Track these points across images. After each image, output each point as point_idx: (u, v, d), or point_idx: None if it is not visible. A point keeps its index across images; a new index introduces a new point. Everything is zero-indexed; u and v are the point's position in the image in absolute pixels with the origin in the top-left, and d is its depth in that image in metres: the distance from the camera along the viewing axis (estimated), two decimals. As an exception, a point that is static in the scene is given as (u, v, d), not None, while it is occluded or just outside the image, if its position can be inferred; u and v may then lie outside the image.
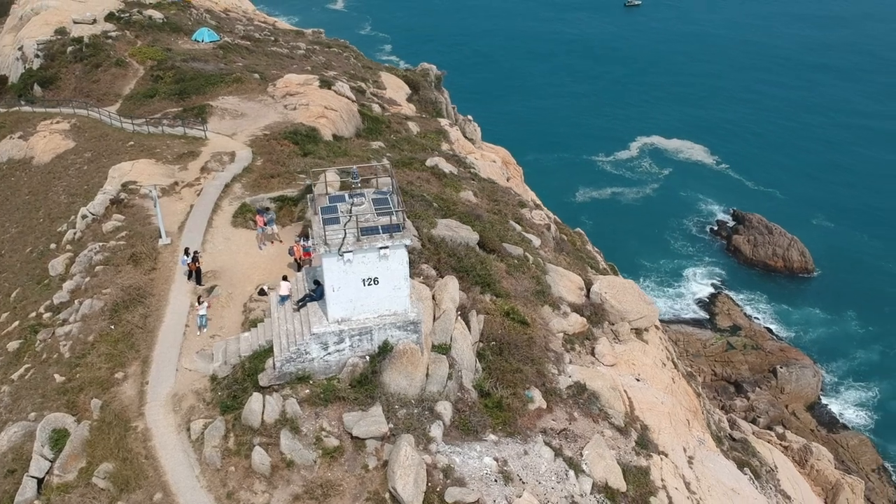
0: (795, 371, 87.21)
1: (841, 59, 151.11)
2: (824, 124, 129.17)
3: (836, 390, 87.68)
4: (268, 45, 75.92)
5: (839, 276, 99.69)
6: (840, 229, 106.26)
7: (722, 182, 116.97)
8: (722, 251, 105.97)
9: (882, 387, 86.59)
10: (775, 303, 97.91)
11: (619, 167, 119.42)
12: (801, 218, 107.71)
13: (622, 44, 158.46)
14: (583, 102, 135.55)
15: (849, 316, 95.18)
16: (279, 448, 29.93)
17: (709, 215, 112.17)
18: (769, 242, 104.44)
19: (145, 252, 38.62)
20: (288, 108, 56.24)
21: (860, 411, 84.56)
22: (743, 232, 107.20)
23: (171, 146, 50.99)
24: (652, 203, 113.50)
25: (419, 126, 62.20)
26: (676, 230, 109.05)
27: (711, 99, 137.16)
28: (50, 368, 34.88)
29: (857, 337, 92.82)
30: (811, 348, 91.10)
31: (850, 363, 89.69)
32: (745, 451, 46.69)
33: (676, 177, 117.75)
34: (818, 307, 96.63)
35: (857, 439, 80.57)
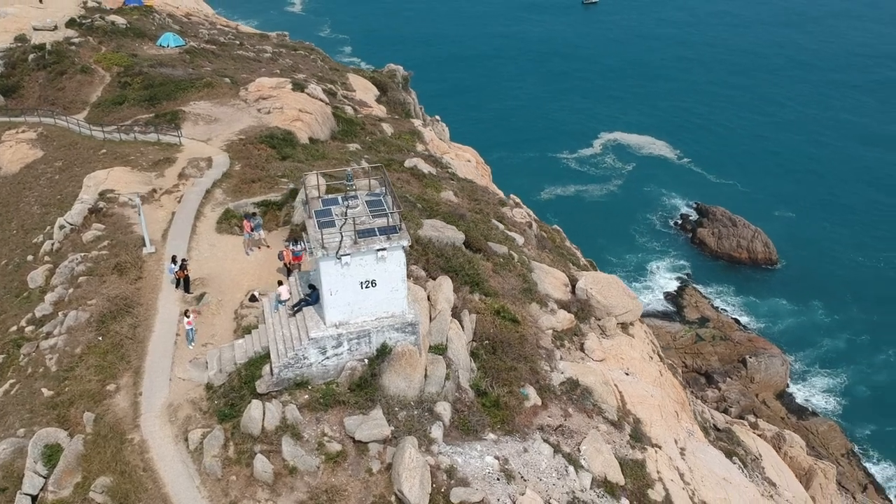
0: (764, 360, 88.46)
1: (800, 53, 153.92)
2: (782, 117, 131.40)
3: (803, 378, 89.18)
4: (234, 49, 75.12)
5: (803, 266, 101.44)
6: (802, 220, 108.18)
7: (684, 176, 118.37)
8: (687, 244, 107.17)
9: (848, 373, 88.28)
10: (742, 294, 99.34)
11: (584, 164, 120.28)
12: (764, 209, 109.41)
13: (582, 42, 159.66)
14: (545, 101, 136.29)
15: (814, 305, 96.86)
16: (281, 455, 29.63)
17: (672, 209, 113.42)
18: (733, 234, 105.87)
19: (130, 261, 37.94)
20: (262, 112, 55.71)
21: (828, 397, 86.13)
22: (707, 225, 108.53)
23: (146, 153, 50.18)
24: (617, 199, 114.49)
25: (393, 127, 62.02)
26: (642, 225, 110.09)
27: (671, 94, 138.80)
28: (36, 383, 34.08)
29: (822, 325, 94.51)
30: (778, 338, 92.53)
31: (816, 351, 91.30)
32: (730, 440, 47.32)
33: (639, 172, 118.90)
34: (783, 297, 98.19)
35: (825, 425, 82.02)
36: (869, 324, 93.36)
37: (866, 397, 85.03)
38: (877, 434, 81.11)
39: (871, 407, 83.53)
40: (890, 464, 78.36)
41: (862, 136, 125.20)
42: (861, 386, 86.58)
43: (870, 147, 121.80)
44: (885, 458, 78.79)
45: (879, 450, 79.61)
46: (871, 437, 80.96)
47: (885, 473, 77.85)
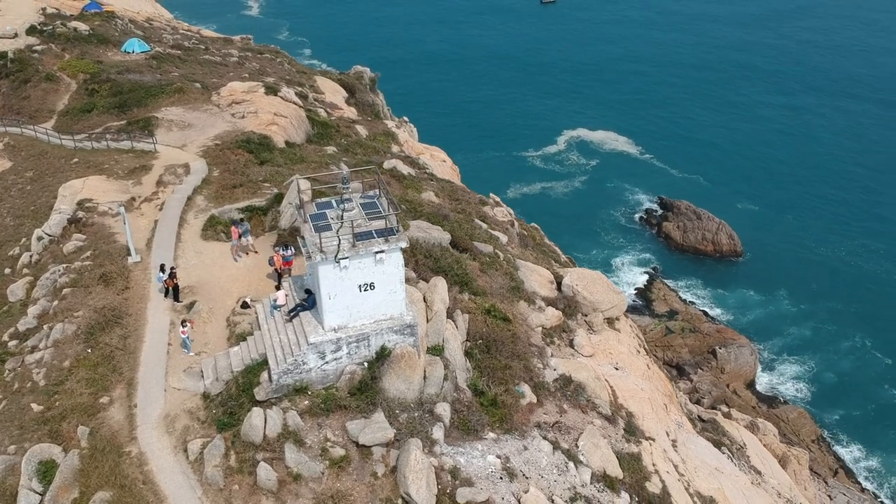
0: (734, 351, 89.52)
1: (759, 48, 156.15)
2: (743, 111, 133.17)
3: (772, 367, 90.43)
4: (200, 54, 74.24)
5: (767, 257, 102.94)
6: (765, 212, 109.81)
7: (647, 171, 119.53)
8: (653, 238, 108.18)
9: (815, 360, 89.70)
10: (709, 286, 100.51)
11: (549, 161, 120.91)
12: (727, 202, 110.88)
13: (541, 41, 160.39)
14: (507, 100, 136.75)
15: (779, 295, 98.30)
16: (284, 462, 29.36)
17: (637, 204, 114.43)
18: (698, 227, 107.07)
19: (116, 271, 37.28)
20: (236, 117, 55.14)
21: (796, 385, 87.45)
22: (672, 219, 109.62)
23: (121, 161, 49.37)
24: (582, 195, 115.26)
25: (367, 129, 61.79)
26: (607, 221, 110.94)
27: (632, 91, 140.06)
28: (24, 398, 33.34)
29: (787, 314, 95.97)
30: (746, 328, 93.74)
31: (783, 340, 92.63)
32: (715, 430, 47.96)
33: (603, 168, 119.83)
34: (750, 288, 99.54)
35: (795, 412, 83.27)
36: (833, 312, 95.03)
37: (833, 383, 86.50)
38: (845, 419, 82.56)
39: (838, 393, 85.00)
40: (858, 447, 79.77)
41: (821, 128, 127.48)
42: (828, 372, 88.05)
43: (829, 140, 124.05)
44: (853, 442, 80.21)
45: (848, 434, 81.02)
46: (839, 423, 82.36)
47: (854, 457, 79.26)
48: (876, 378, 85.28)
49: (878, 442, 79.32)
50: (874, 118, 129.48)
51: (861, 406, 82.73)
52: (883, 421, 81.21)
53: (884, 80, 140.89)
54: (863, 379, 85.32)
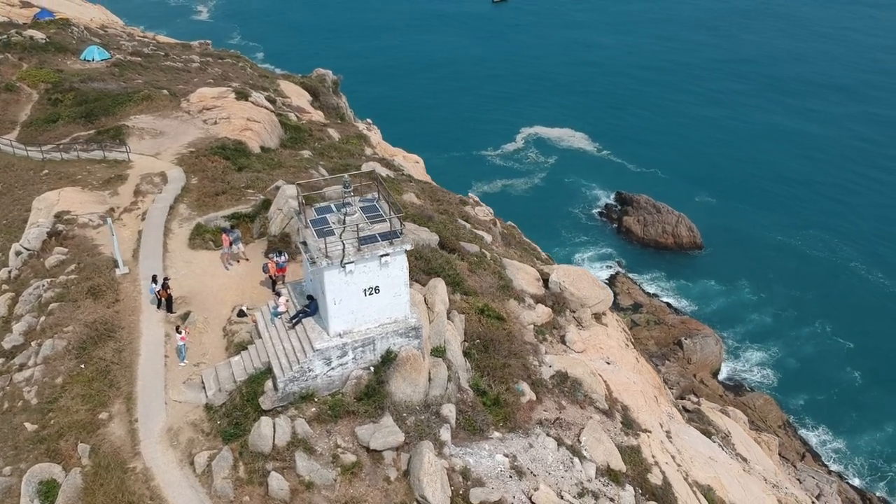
0: (699, 341, 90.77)
1: (712, 45, 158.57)
2: (695, 104, 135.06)
3: (737, 355, 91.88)
4: (161, 60, 73.01)
5: (726, 248, 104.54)
6: (722, 203, 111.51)
7: (605, 166, 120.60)
8: (614, 233, 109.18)
9: (778, 347, 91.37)
10: (671, 278, 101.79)
11: (508, 160, 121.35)
12: (685, 195, 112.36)
13: (494, 40, 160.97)
14: (464, 98, 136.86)
15: (739, 284, 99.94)
16: (295, 471, 29.09)
17: (596, 200, 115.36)
18: (658, 221, 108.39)
19: (104, 284, 36.47)
20: (208, 123, 54.35)
21: (762, 372, 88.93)
22: (632, 213, 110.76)
23: (94, 171, 48.30)
24: (542, 193, 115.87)
25: (339, 132, 61.41)
26: (568, 217, 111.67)
27: (587, 87, 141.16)
28: (17, 417, 32.45)
29: (749, 303, 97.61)
30: (710, 318, 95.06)
31: (746, 328, 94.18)
32: (701, 419, 48.68)
33: (562, 165, 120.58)
34: (711, 278, 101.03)
35: (762, 399, 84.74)
36: (792, 299, 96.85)
37: (797, 369, 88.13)
38: (810, 403, 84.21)
39: (801, 378, 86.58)
40: (824, 431, 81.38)
41: (773, 120, 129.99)
42: (791, 359, 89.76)
43: (781, 132, 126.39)
44: (818, 425, 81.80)
45: (813, 418, 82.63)
46: (804, 408, 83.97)
47: (820, 440, 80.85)
48: (837, 362, 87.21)
49: (843, 424, 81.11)
50: (823, 111, 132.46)
51: (824, 390, 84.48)
52: (846, 404, 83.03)
53: (831, 75, 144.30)
54: (825, 364, 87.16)
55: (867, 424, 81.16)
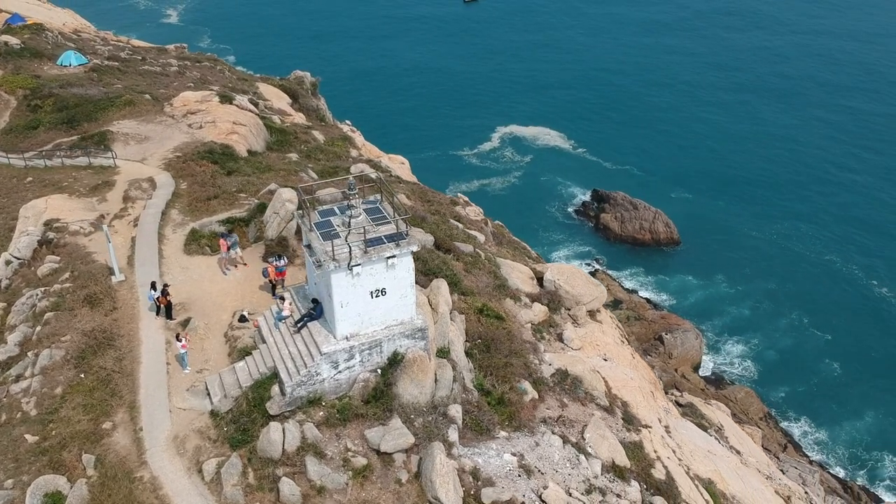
0: (679, 336, 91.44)
1: (685, 38, 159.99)
2: (669, 101, 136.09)
3: (717, 349, 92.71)
4: (138, 65, 72.14)
5: (703, 243, 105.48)
6: (698, 199, 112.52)
7: (581, 164, 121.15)
8: (592, 231, 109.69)
9: (756, 340, 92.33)
10: (650, 274, 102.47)
11: (484, 159, 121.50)
12: (661, 191, 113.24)
13: (466, 39, 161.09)
14: (439, 98, 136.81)
15: (717, 279, 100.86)
16: (307, 475, 28.93)
17: (573, 197, 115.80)
18: (635, 217, 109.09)
19: (101, 292, 35.96)
20: (193, 127, 53.80)
21: (742, 364, 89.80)
22: (609, 210, 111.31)
23: (80, 178, 47.63)
24: (519, 191, 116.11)
25: (324, 134, 61.10)
26: (546, 215, 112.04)
27: (560, 85, 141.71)
28: (16, 429, 31.90)
29: (727, 297, 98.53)
30: (689, 313, 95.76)
31: (725, 322, 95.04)
32: (694, 413, 49.11)
33: (538, 163, 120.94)
34: (689, 274, 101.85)
35: (743, 392, 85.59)
36: (769, 292, 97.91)
37: (776, 361, 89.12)
38: (790, 395, 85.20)
39: (781, 370, 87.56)
40: (805, 422, 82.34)
41: (746, 115, 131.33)
42: (770, 351, 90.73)
43: (753, 127, 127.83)
44: (799, 417, 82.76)
45: (794, 409, 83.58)
46: (785, 399, 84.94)
47: (802, 431, 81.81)
48: (816, 354, 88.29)
49: (823, 415, 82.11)
50: (796, 107, 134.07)
51: (804, 382, 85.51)
52: (825, 394, 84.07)
53: (804, 71, 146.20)
54: (804, 355, 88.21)
55: (847, 414, 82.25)
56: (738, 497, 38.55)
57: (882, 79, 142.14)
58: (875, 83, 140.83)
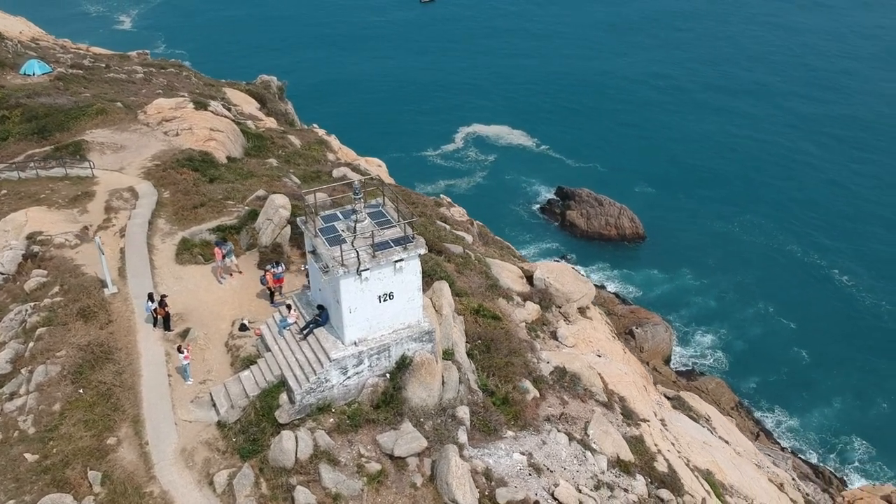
0: (649, 329, 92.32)
1: (643, 36, 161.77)
2: (630, 97, 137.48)
3: (686, 341, 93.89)
4: (103, 72, 70.84)
5: (667, 237, 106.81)
6: (661, 193, 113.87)
7: (545, 162, 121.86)
8: (558, 228, 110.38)
9: (724, 330, 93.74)
10: (617, 269, 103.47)
11: (448, 159, 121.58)
12: (625, 187, 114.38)
13: (424, 39, 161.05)
14: (399, 100, 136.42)
15: (682, 271, 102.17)
16: (321, 483, 28.72)
17: (538, 195, 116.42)
18: (601, 214, 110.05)
19: (94, 305, 35.24)
20: (170, 135, 52.95)
21: (713, 356, 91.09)
22: (575, 207, 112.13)
23: (57, 189, 46.60)
24: (484, 191, 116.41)
25: (299, 139, 60.58)
26: (512, 214, 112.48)
27: (520, 83, 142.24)
28: (14, 448, 31.16)
29: (693, 289, 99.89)
30: (658, 306, 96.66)
31: (692, 314, 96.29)
32: (682, 406, 49.67)
33: (502, 162, 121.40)
34: (655, 267, 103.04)
35: (713, 382, 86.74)
36: (733, 283, 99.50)
37: (744, 351, 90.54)
38: (760, 384, 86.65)
39: (750, 360, 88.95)
40: (775, 410, 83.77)
41: (707, 110, 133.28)
42: (738, 341, 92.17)
43: (716, 120, 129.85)
44: (769, 405, 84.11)
45: (764, 398, 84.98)
46: (755, 388, 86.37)
47: (772, 419, 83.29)
48: (783, 342, 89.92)
49: (792, 402, 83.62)
50: (756, 101, 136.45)
51: (773, 370, 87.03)
52: (794, 381, 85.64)
53: (762, 65, 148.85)
54: (771, 344, 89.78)
55: (816, 400, 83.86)
56: (735, 487, 39.15)
57: (842, 73, 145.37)
58: (834, 77, 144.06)
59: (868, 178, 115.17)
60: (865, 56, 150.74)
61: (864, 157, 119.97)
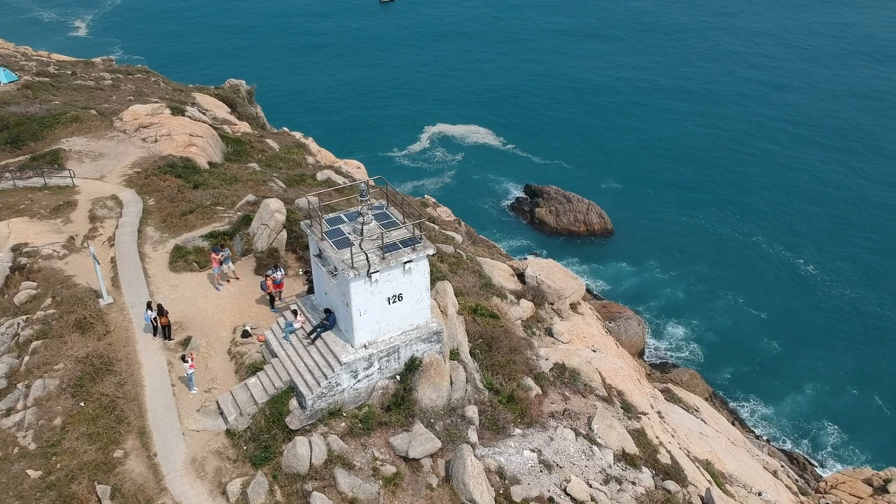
0: (622, 324, 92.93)
1: (601, 32, 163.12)
2: (594, 93, 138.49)
3: (659, 334, 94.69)
4: (70, 80, 69.43)
5: (635, 231, 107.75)
6: (627, 189, 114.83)
7: (512, 160, 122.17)
8: (528, 225, 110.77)
9: (694, 322, 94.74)
10: (587, 264, 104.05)
11: (416, 159, 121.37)
12: (592, 183, 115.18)
13: (384, 41, 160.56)
14: (363, 101, 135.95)
15: (651, 264, 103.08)
16: (337, 488, 28.55)
17: (507, 193, 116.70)
18: (569, 210, 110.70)
19: (91, 316, 34.55)
20: (148, 141, 52.09)
21: (686, 347, 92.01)
22: (543, 204, 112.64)
23: (38, 199, 45.58)
24: (453, 190, 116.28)
25: (277, 142, 59.99)
26: (481, 213, 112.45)
27: (484, 83, 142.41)
28: (15, 465, 30.48)
29: (662, 282, 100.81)
30: (629, 300, 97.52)
31: (662, 306, 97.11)
32: (672, 398, 50.19)
33: (469, 161, 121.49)
34: (624, 262, 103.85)
35: (687, 374, 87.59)
36: (701, 274, 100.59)
37: (716, 342, 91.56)
38: (733, 375, 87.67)
39: (722, 350, 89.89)
40: (750, 399, 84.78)
41: (669, 105, 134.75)
42: (710, 332, 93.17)
43: (675, 117, 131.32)
44: (744, 395, 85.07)
45: (739, 388, 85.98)
46: (729, 379, 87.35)
47: (748, 409, 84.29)
48: (753, 331, 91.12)
49: (765, 390, 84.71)
50: (717, 92, 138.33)
51: (745, 360, 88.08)
52: (766, 370, 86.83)
53: (724, 55, 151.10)
54: (742, 334, 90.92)
55: (788, 388, 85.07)
56: (734, 475, 39.66)
57: (802, 63, 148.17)
58: (794, 68, 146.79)
59: (827, 168, 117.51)
60: (823, 54, 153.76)
61: (823, 148, 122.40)
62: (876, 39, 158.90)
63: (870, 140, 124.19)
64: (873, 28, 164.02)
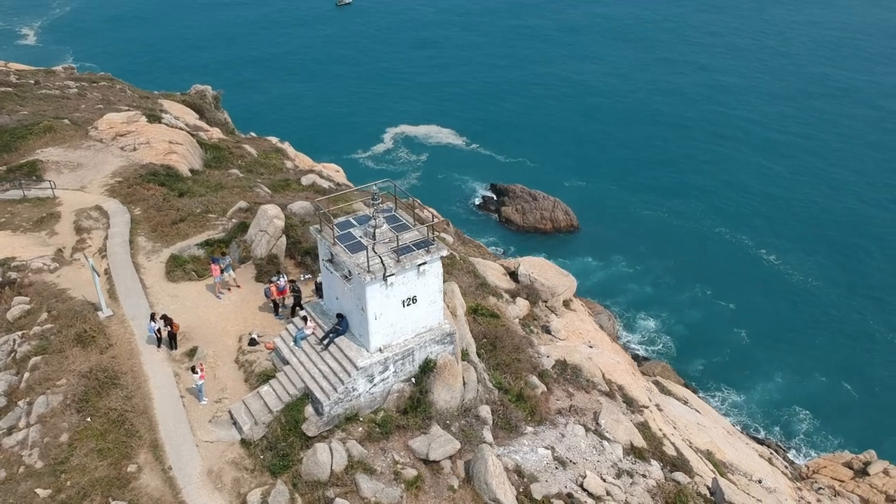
0: (594, 320, 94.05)
1: (563, 27, 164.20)
2: (554, 90, 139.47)
3: (629, 328, 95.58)
4: (34, 89, 67.86)
5: (601, 227, 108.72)
6: (591, 185, 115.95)
7: (476, 160, 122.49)
8: (495, 224, 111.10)
9: (663, 315, 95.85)
10: (555, 260, 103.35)
11: (380, 161, 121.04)
12: (556, 181, 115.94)
13: (342, 43, 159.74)
14: (322, 104, 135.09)
15: (617, 259, 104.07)
16: (359, 493, 28.35)
17: (473, 193, 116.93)
18: (536, 208, 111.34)
19: (92, 329, 33.83)
20: (127, 150, 51.13)
21: (654, 341, 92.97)
22: (509, 203, 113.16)
23: (18, 212, 44.45)
24: (419, 191, 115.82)
25: (255, 147, 59.35)
26: (448, 213, 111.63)
27: (444, 82, 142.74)
28: (21, 485, 29.72)
29: (629, 276, 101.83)
30: (598, 296, 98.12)
31: (631, 301, 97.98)
32: (662, 390, 50.77)
33: (434, 161, 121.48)
34: (591, 257, 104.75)
35: (660, 367, 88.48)
36: (667, 267, 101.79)
37: (686, 334, 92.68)
38: (704, 365, 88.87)
39: (691, 341, 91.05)
40: (722, 388, 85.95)
41: (630, 99, 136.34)
42: (679, 325, 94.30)
43: (636, 112, 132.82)
44: (716, 385, 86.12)
45: (710, 378, 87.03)
46: (701, 370, 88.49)
47: (719, 398, 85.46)
48: (723, 323, 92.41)
49: (735, 380, 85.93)
50: (678, 88, 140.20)
51: (715, 351, 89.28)
52: (736, 360, 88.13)
53: (685, 49, 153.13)
54: (711, 325, 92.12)
55: (758, 377, 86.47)
56: (734, 464, 40.29)
57: (763, 52, 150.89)
58: (759, 56, 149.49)
59: (789, 162, 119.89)
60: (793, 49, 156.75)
61: (784, 140, 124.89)
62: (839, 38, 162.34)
63: (833, 131, 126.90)
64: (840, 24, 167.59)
